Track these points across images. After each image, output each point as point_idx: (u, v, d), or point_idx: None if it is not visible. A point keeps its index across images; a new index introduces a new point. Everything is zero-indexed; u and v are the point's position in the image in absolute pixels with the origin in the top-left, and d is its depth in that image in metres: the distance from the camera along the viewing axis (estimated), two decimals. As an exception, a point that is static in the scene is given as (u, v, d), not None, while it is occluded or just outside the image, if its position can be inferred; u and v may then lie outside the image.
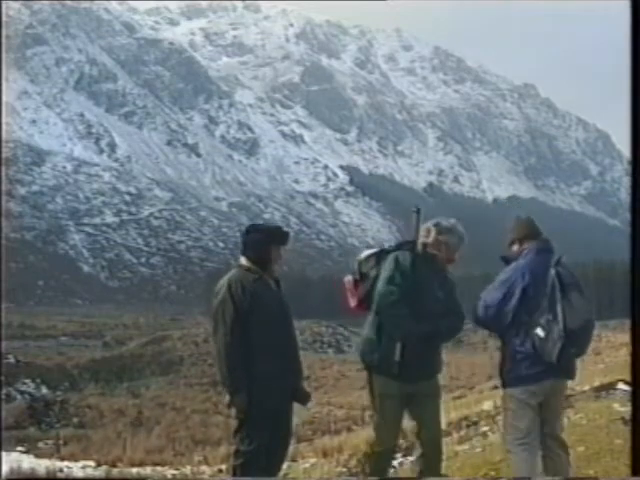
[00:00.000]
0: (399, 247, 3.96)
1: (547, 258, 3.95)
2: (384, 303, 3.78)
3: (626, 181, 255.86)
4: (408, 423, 4.11)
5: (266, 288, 3.90)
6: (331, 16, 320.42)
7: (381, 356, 3.81)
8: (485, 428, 7.72)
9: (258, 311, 3.81)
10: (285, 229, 4.11)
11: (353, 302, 3.96)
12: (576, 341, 3.76)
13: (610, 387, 8.29)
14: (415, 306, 3.76)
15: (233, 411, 3.85)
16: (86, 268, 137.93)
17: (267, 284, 3.91)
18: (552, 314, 3.73)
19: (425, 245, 3.92)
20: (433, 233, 3.92)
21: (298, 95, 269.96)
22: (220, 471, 7.47)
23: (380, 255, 3.97)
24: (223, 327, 3.80)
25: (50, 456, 9.62)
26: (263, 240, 3.92)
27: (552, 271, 3.85)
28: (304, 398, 4.01)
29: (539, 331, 3.72)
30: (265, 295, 3.87)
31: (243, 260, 3.96)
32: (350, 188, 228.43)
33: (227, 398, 3.85)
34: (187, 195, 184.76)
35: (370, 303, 3.86)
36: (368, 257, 4.01)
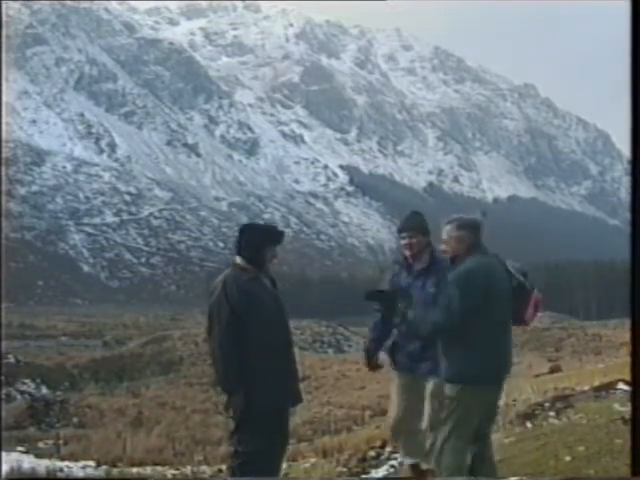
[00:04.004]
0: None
1: None
2: None
3: (626, 181, 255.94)
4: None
5: (261, 287, 3.86)
6: (331, 16, 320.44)
7: None
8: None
9: (253, 311, 3.78)
10: (280, 228, 4.07)
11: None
12: None
13: (610, 387, 8.29)
14: None
15: (230, 412, 3.82)
16: (86, 268, 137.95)
17: (262, 283, 3.88)
18: None
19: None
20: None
21: (298, 95, 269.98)
22: (220, 471, 7.47)
23: None
24: (218, 327, 3.77)
25: (50, 456, 9.61)
26: (258, 239, 3.89)
27: None
28: (296, 400, 3.98)
29: None
30: (260, 294, 3.83)
31: (238, 259, 3.92)
32: (350, 188, 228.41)
33: (224, 399, 3.82)
34: (187, 195, 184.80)
35: None
36: None
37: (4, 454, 8.00)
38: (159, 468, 8.58)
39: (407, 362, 4.33)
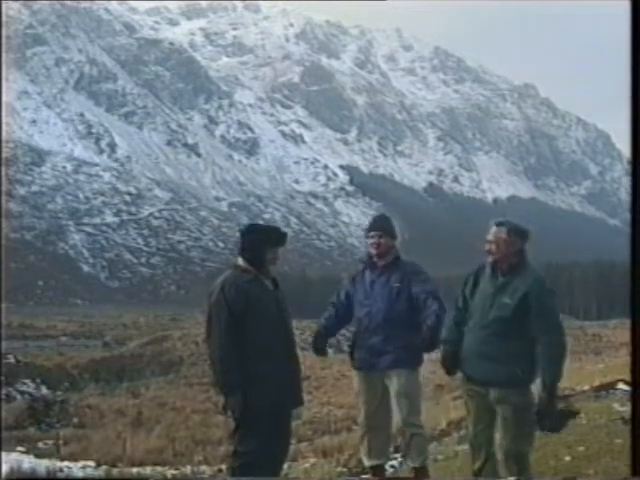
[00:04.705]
0: None
1: None
2: None
3: (626, 181, 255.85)
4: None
5: (261, 288, 3.84)
6: (331, 16, 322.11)
7: None
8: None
9: (252, 312, 3.76)
10: (283, 230, 4.05)
11: None
12: None
13: (610, 387, 8.29)
14: None
15: (228, 412, 3.80)
16: (86, 268, 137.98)
17: (263, 284, 3.85)
18: None
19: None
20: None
21: (298, 95, 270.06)
22: (220, 471, 7.48)
23: None
24: (217, 329, 3.76)
25: (50, 456, 9.61)
26: (260, 241, 3.87)
27: None
28: (296, 402, 3.95)
29: None
30: (260, 296, 3.81)
31: (240, 261, 3.90)
32: (350, 188, 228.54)
33: (222, 400, 3.80)
34: (187, 195, 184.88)
35: None
36: None
37: (4, 454, 8.00)
38: (159, 468, 8.58)
39: (367, 358, 4.35)
